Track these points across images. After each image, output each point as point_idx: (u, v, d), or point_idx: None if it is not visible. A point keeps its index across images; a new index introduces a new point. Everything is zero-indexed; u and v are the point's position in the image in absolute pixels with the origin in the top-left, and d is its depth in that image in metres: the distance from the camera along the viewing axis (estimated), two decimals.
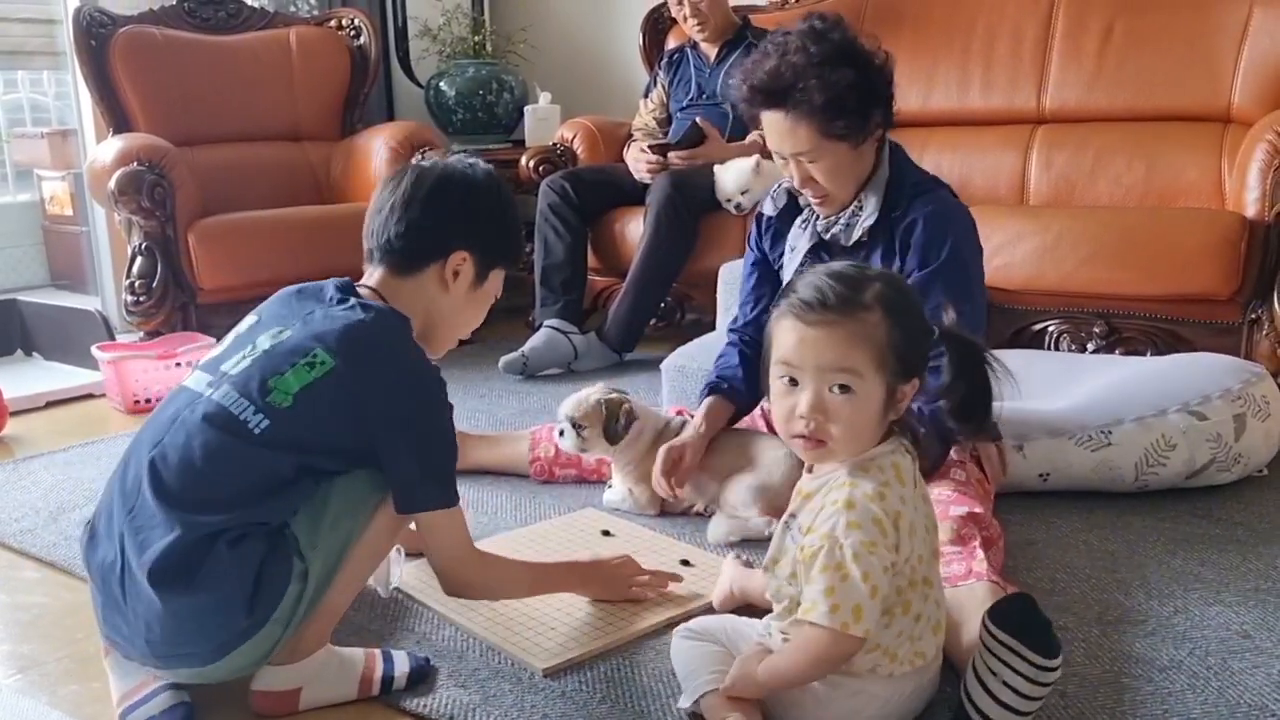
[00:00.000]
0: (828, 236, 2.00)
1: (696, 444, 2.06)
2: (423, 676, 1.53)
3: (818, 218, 2.02)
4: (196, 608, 1.36)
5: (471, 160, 1.65)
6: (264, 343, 1.47)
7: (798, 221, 2.07)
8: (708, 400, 2.13)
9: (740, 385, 2.13)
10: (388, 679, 1.51)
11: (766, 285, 2.17)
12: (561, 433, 2.17)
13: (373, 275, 1.59)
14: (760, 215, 2.17)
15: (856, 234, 1.96)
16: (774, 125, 1.89)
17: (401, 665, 1.52)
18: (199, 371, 1.51)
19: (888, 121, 1.93)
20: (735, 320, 2.24)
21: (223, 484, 1.38)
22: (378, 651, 1.54)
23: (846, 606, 1.21)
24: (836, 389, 1.28)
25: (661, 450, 2.04)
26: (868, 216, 1.95)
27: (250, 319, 1.57)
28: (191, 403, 1.44)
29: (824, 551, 1.24)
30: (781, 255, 2.12)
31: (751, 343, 2.14)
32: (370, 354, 1.44)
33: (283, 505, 1.40)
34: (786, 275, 2.04)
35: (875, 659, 1.30)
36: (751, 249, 2.21)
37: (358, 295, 1.53)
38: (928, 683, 1.37)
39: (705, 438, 2.08)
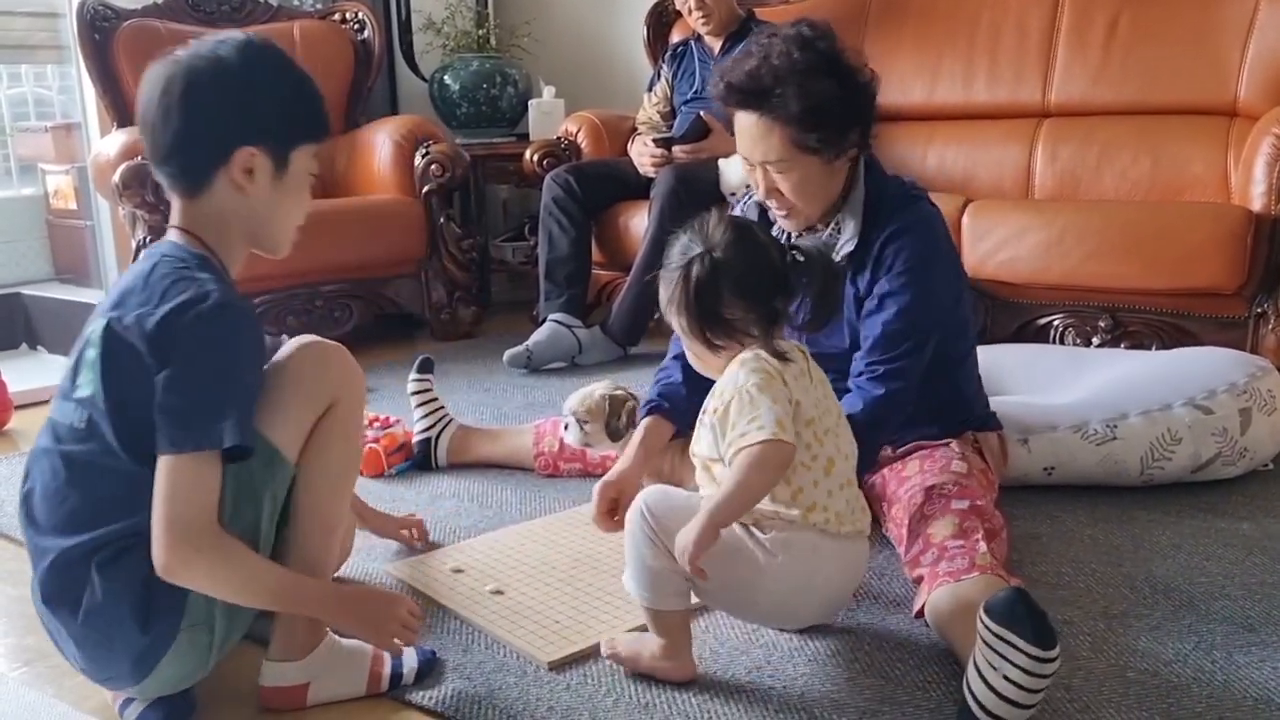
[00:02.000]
0: None
1: (631, 475, 1.82)
2: (430, 671, 1.53)
3: (790, 237, 1.94)
4: (92, 633, 1.34)
5: (219, 39, 1.41)
6: (85, 332, 1.39)
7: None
8: (646, 421, 1.90)
9: (683, 404, 1.88)
10: (396, 675, 1.50)
11: None
12: (567, 427, 2.17)
13: (173, 211, 1.44)
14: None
15: (837, 258, 1.86)
16: (746, 128, 1.81)
17: (410, 661, 1.52)
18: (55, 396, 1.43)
19: (864, 143, 1.85)
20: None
21: (75, 499, 1.33)
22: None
23: (769, 422, 1.40)
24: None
25: (596, 489, 1.78)
26: (847, 241, 1.87)
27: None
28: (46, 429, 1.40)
29: (734, 400, 1.44)
30: None
31: None
32: (139, 302, 1.32)
33: (142, 506, 1.30)
34: None
35: (821, 516, 1.46)
36: None
37: (160, 245, 1.41)
38: (864, 554, 1.57)
39: (641, 466, 1.86)
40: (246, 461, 1.34)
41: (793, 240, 1.52)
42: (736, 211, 2.07)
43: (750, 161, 1.85)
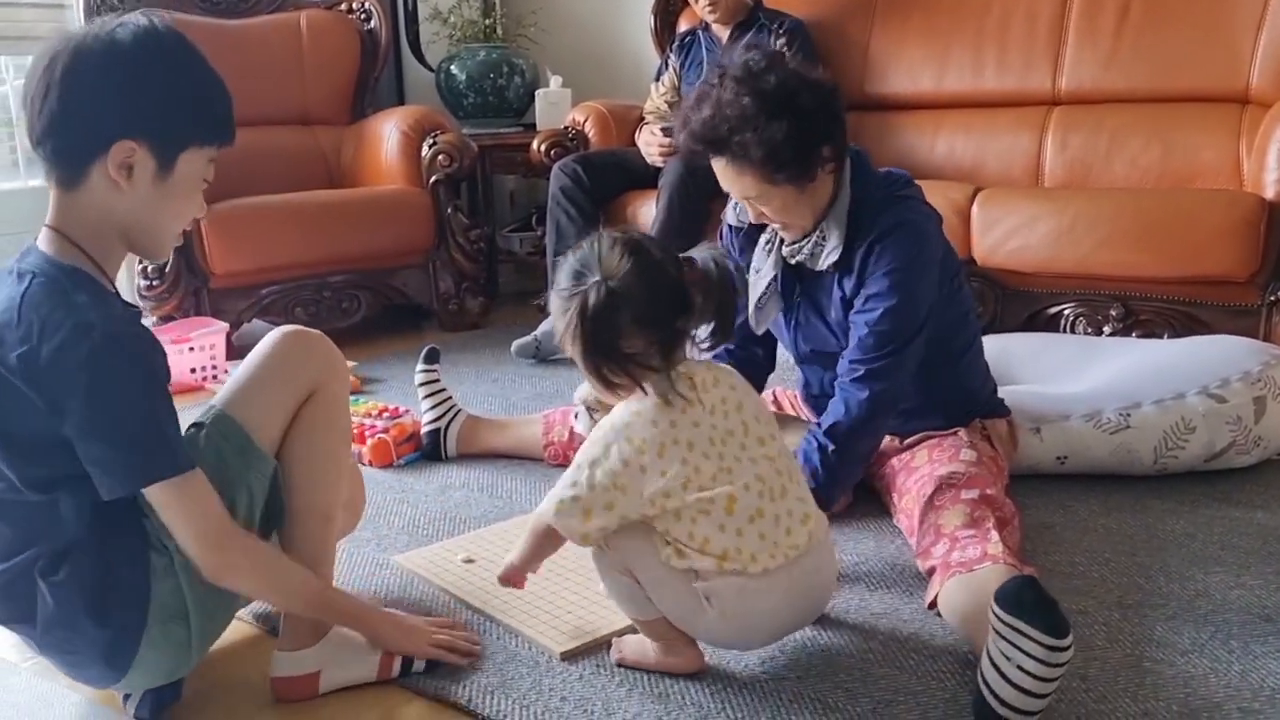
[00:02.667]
0: (794, 262, 1.93)
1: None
2: (442, 661, 1.53)
3: (782, 242, 1.94)
4: (53, 640, 1.33)
5: (121, 20, 1.29)
6: None
7: (762, 242, 1.99)
8: None
9: None
10: (407, 661, 1.50)
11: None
12: (577, 415, 2.16)
13: (50, 205, 1.32)
14: (725, 224, 2.08)
15: (822, 265, 1.89)
16: (719, 171, 1.82)
17: None
18: None
19: (839, 152, 1.83)
20: None
21: (1, 531, 1.30)
22: None
23: (571, 509, 1.41)
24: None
25: None
26: (831, 250, 1.86)
27: None
28: None
29: (582, 451, 1.45)
30: (750, 264, 2.04)
31: (741, 357, 2.07)
32: (19, 339, 1.22)
33: (70, 519, 1.28)
34: (753, 297, 1.97)
35: (735, 563, 1.39)
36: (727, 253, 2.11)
37: (28, 254, 1.31)
38: (813, 568, 1.46)
39: None
40: (221, 452, 1.34)
41: (686, 252, 1.46)
42: (727, 214, 2.06)
43: (732, 195, 1.87)
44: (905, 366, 1.83)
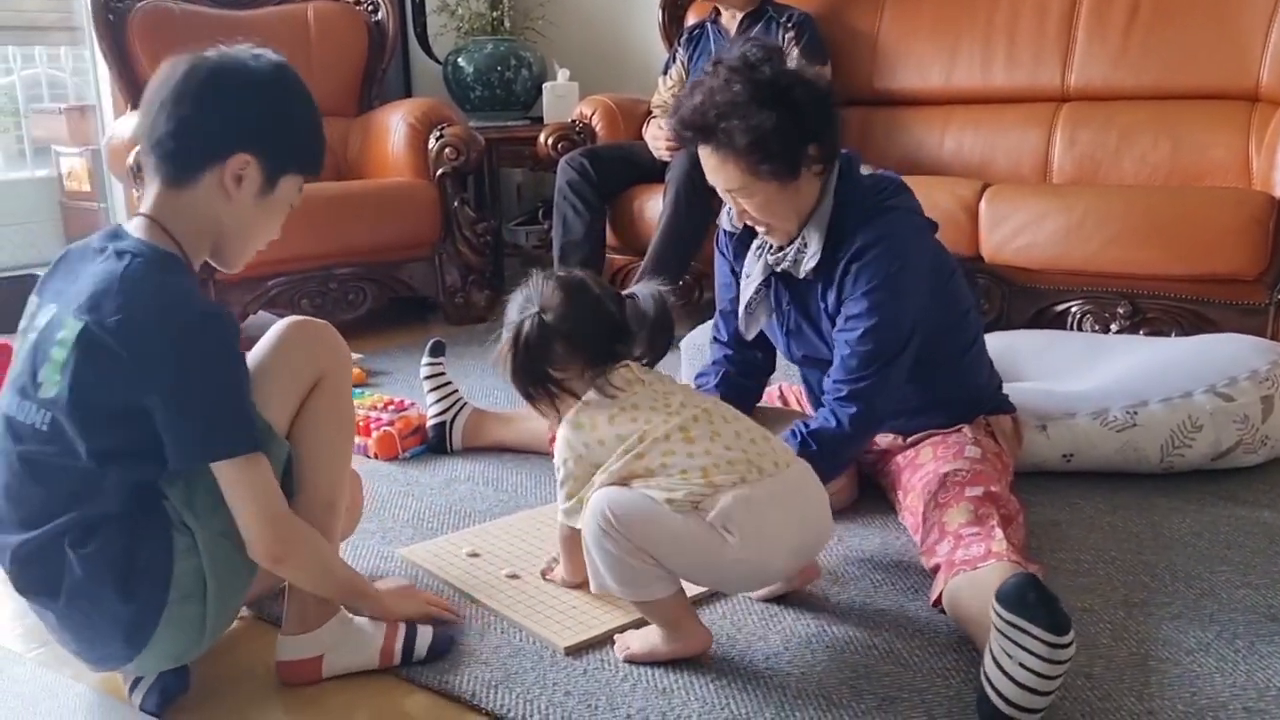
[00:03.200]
0: (779, 269, 1.92)
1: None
2: (445, 648, 1.53)
3: (768, 249, 1.93)
4: (75, 612, 1.35)
5: (259, 51, 1.44)
6: (38, 327, 1.37)
7: (754, 246, 1.98)
8: None
9: None
10: (408, 649, 1.51)
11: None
12: None
13: (148, 196, 1.41)
14: (723, 234, 2.07)
15: (802, 272, 1.87)
16: (705, 160, 1.82)
17: (424, 636, 1.53)
18: (5, 388, 1.42)
19: (829, 154, 1.82)
20: (718, 329, 2.12)
21: (37, 496, 1.34)
22: (400, 622, 1.54)
23: (565, 506, 1.56)
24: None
25: None
26: (810, 257, 1.85)
27: (31, 302, 1.43)
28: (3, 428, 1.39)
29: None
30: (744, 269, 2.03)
31: (738, 360, 2.08)
32: (118, 306, 1.29)
33: (112, 491, 1.33)
34: (742, 301, 1.98)
35: (722, 475, 1.45)
36: (721, 254, 2.09)
37: (122, 237, 1.38)
38: (799, 481, 1.53)
39: None
40: None
41: (629, 289, 1.58)
42: (722, 219, 2.04)
43: (716, 188, 1.86)
44: (891, 382, 1.82)
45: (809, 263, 1.85)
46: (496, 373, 1.58)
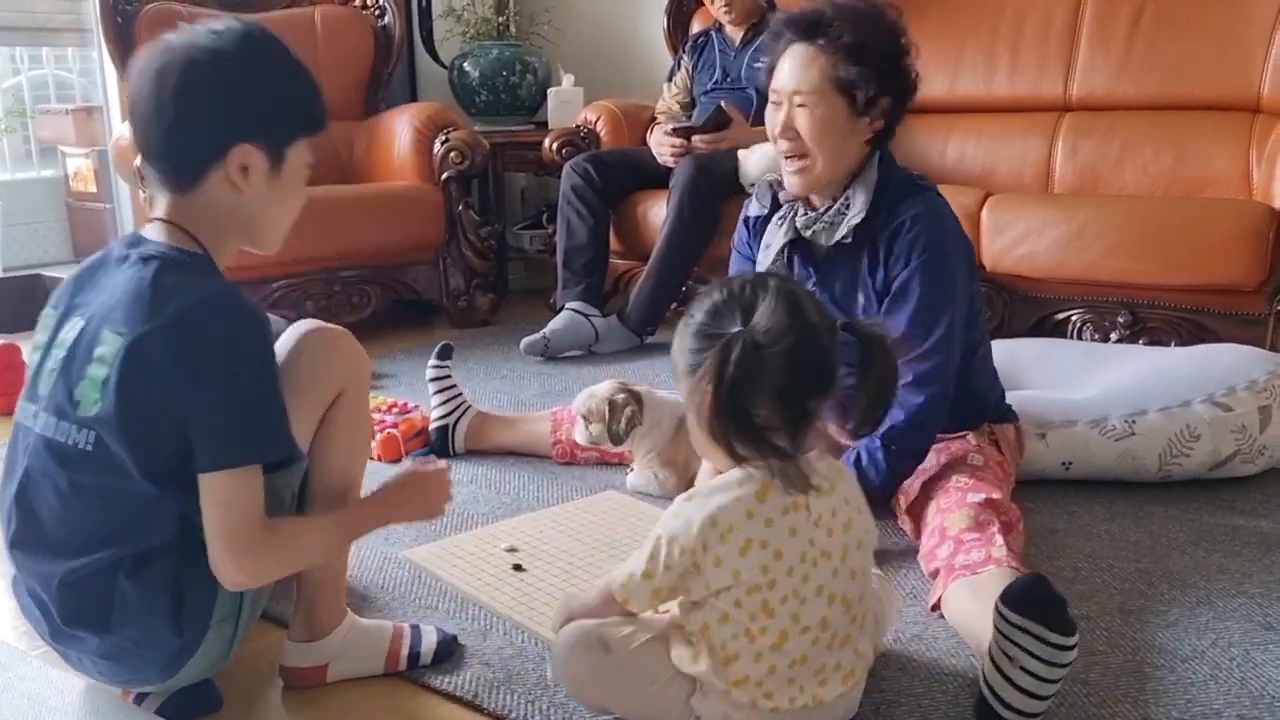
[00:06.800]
0: (807, 234, 1.91)
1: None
2: (450, 652, 1.54)
3: (796, 213, 1.93)
4: (123, 643, 1.32)
5: (219, 27, 1.34)
6: (65, 342, 1.31)
7: (775, 218, 1.97)
8: None
9: None
10: (414, 654, 1.52)
11: None
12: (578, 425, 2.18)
13: (160, 203, 1.36)
14: (747, 217, 2.07)
15: (841, 232, 1.87)
16: (791, 58, 1.86)
17: (429, 640, 1.54)
18: (24, 402, 1.35)
19: (890, 122, 1.88)
20: None
21: (90, 523, 1.28)
22: (405, 626, 1.55)
23: (639, 591, 1.27)
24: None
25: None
26: (855, 214, 1.86)
27: (49, 315, 1.37)
28: (26, 445, 1.33)
29: (655, 534, 1.27)
30: None
31: None
32: (156, 314, 1.24)
33: (167, 520, 1.28)
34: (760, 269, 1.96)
35: (748, 694, 1.26)
36: (740, 254, 2.09)
37: (143, 243, 1.33)
38: (825, 717, 1.32)
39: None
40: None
41: (844, 320, 1.31)
42: (752, 201, 2.06)
43: (780, 95, 1.88)
44: (952, 358, 1.83)
45: (853, 219, 1.86)
46: (682, 393, 1.27)
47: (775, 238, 1.95)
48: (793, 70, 1.85)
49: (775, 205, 2.00)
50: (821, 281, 1.94)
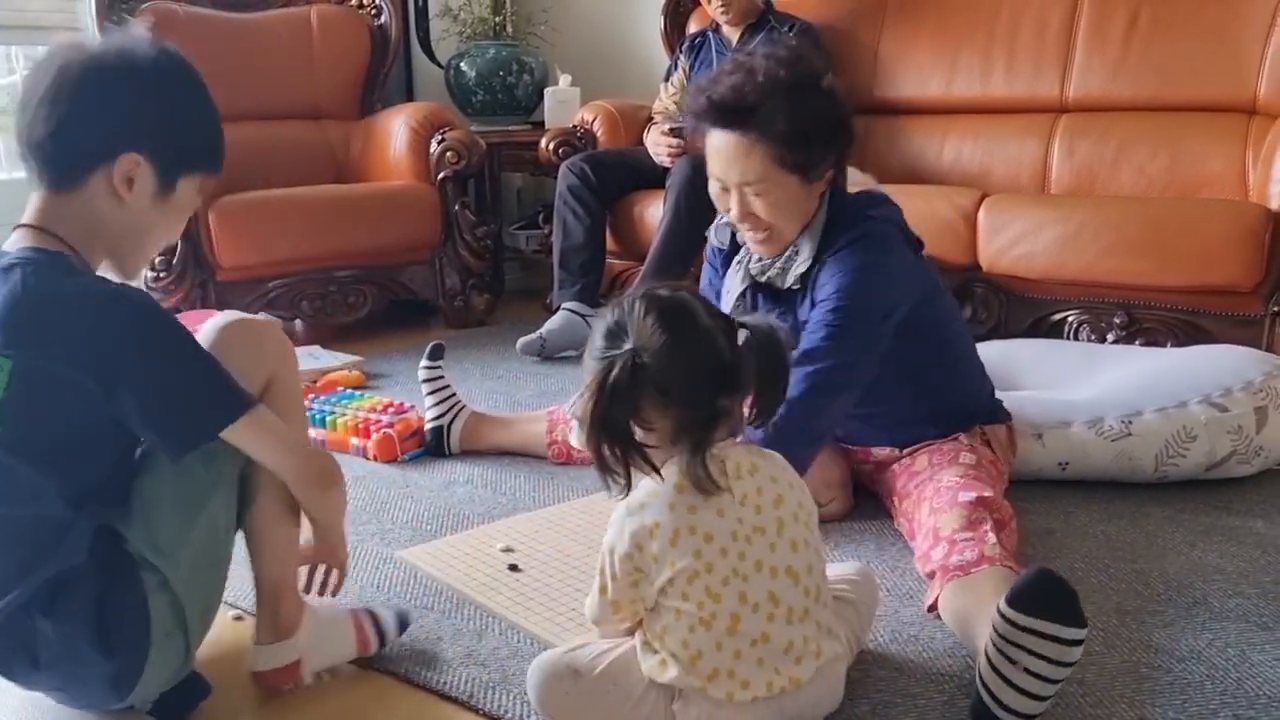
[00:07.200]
0: (763, 279, 1.90)
1: None
2: (406, 624, 1.57)
3: (750, 259, 1.92)
4: (61, 678, 1.29)
5: (140, 38, 1.33)
6: None
7: (734, 262, 1.97)
8: None
9: None
10: (381, 633, 1.53)
11: None
12: (573, 427, 2.16)
13: (32, 204, 1.31)
14: (711, 248, 2.07)
15: (789, 280, 1.86)
16: (726, 148, 1.77)
17: (387, 616, 1.55)
18: None
19: (840, 168, 1.83)
20: None
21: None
22: (360, 609, 1.55)
23: (598, 611, 1.34)
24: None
25: None
26: (801, 263, 1.84)
27: None
28: None
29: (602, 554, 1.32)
30: None
31: None
32: (42, 325, 1.20)
33: (79, 542, 1.24)
34: None
35: (724, 687, 1.26)
36: (712, 267, 2.09)
37: (2, 254, 1.28)
38: (810, 702, 1.32)
39: None
40: (187, 467, 1.28)
41: (738, 318, 1.32)
42: (710, 233, 2.03)
43: (725, 184, 1.81)
44: (853, 367, 1.78)
45: (799, 268, 1.85)
46: (578, 427, 1.29)
47: (734, 283, 1.95)
48: (731, 161, 1.78)
49: (734, 244, 1.98)
50: (784, 312, 1.92)
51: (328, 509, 1.43)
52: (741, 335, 1.30)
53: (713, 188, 1.87)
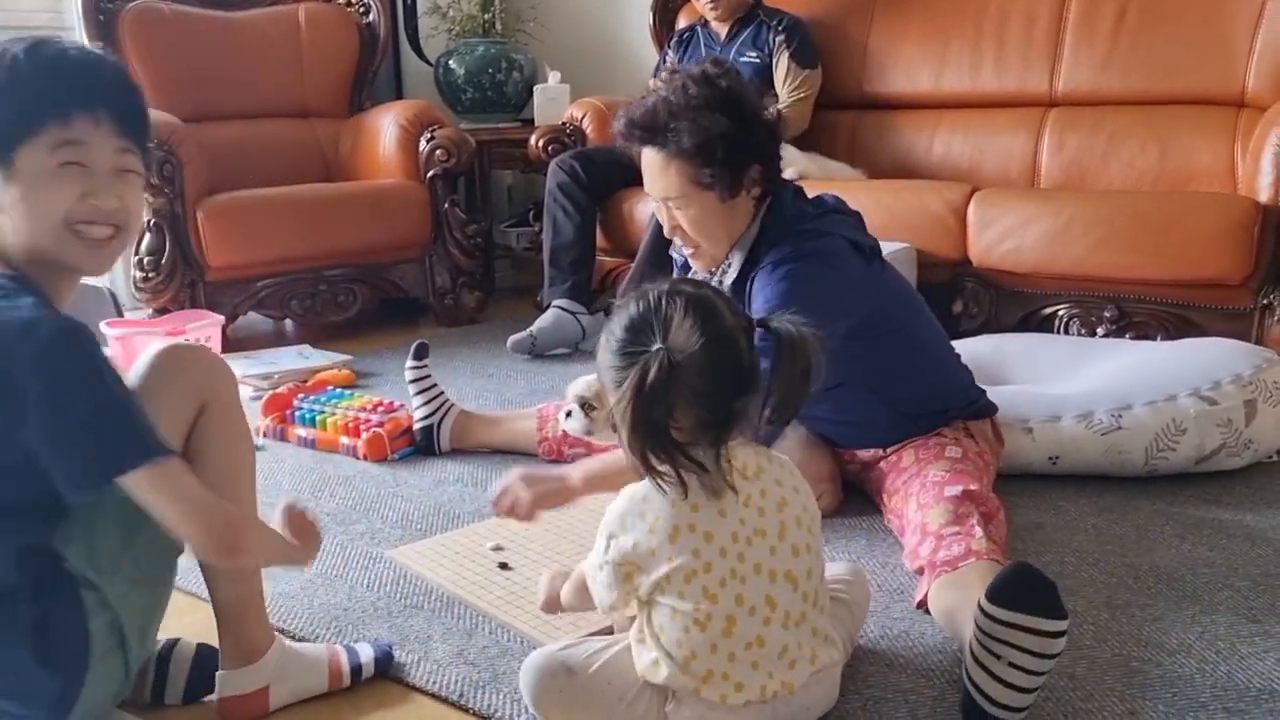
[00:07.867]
0: None
1: (555, 496, 1.71)
2: (389, 663, 1.51)
3: (693, 271, 1.95)
4: (4, 694, 1.25)
5: None
6: None
7: (691, 273, 1.99)
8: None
9: None
10: (356, 667, 1.48)
11: None
12: (569, 414, 2.15)
13: None
14: (676, 261, 2.08)
15: (726, 291, 1.85)
16: (648, 164, 1.81)
17: (366, 654, 1.50)
18: None
19: (770, 180, 1.83)
20: None
21: None
22: (338, 646, 1.51)
23: (605, 596, 1.31)
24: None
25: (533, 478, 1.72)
26: (730, 275, 1.86)
27: None
28: None
29: (599, 538, 1.31)
30: None
31: None
32: None
33: (7, 562, 1.21)
34: None
35: (718, 690, 1.25)
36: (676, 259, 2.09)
37: None
38: (803, 706, 1.32)
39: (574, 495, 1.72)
40: (120, 502, 1.21)
41: (758, 318, 1.32)
42: (674, 243, 2.02)
43: (654, 197, 1.85)
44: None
45: (729, 279, 1.86)
46: (618, 423, 1.24)
47: None
48: (652, 178, 1.82)
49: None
50: None
51: (240, 570, 1.39)
52: (758, 336, 1.29)
53: (652, 200, 1.90)
